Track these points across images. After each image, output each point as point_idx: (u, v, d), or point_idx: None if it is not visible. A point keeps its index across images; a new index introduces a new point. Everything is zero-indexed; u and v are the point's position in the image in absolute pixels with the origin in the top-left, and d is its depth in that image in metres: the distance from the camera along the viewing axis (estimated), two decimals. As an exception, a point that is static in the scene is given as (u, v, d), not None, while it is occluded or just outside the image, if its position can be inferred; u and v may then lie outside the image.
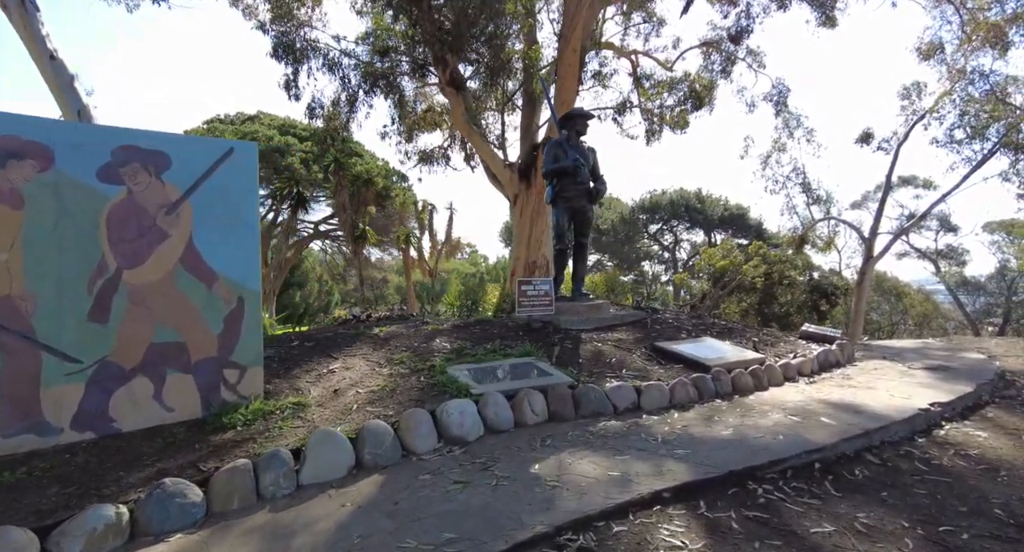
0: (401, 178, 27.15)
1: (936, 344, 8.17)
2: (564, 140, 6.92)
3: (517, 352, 5.02)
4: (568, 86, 12.83)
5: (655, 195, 35.89)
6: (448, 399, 3.79)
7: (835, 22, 16.99)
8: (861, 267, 18.83)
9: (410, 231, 17.47)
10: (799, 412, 4.18)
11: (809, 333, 6.90)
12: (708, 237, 38.00)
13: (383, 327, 5.72)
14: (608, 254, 41.43)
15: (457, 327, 5.97)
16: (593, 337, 5.99)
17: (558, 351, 5.37)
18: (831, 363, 6.03)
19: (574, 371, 4.82)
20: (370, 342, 5.12)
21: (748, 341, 6.36)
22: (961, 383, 5.14)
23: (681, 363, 5.36)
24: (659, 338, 6.15)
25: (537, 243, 14.15)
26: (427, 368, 4.44)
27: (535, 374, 4.48)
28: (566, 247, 7.07)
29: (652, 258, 42.47)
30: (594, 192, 6.97)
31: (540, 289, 6.31)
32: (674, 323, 6.99)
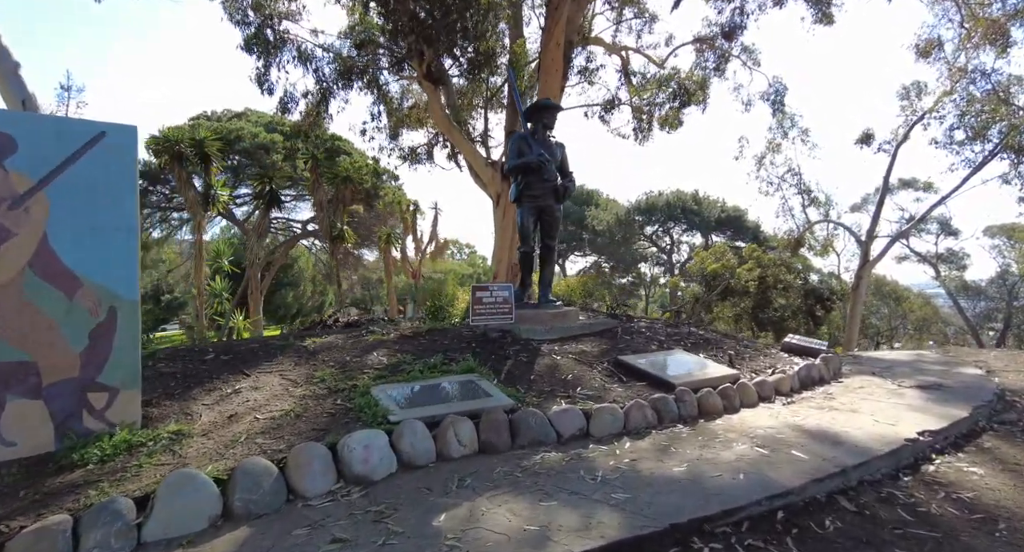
0: (392, 177, 26.66)
1: (931, 356, 7.65)
2: (529, 134, 6.40)
3: (460, 368, 4.50)
4: (551, 82, 12.31)
5: (651, 196, 35.37)
6: (359, 428, 3.27)
7: (831, 19, 16.47)
8: (857, 271, 18.31)
9: (391, 231, 16.94)
10: (769, 442, 3.65)
11: (792, 345, 6.37)
12: (706, 239, 37.47)
13: (317, 337, 5.20)
14: (605, 256, 40.98)
15: (404, 338, 5.45)
16: (554, 349, 5.47)
17: (510, 366, 4.84)
18: (814, 380, 5.50)
19: (521, 390, 4.30)
20: (295, 356, 4.60)
21: (724, 354, 5.83)
22: (955, 405, 4.62)
23: (644, 380, 4.83)
24: (626, 350, 5.63)
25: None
26: (348, 388, 3.92)
27: (472, 395, 3.95)
28: (531, 250, 6.55)
29: (649, 260, 41.97)
30: (561, 190, 6.46)
31: (498, 296, 5.79)
32: (647, 333, 6.47)
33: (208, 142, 13.56)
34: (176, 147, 12.56)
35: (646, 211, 34.90)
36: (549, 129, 6.56)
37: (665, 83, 15.37)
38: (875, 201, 24.45)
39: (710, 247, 22.49)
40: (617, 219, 33.40)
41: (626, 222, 33.58)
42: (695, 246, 33.93)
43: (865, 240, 18.48)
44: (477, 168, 13.64)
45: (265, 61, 11.83)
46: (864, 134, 22.36)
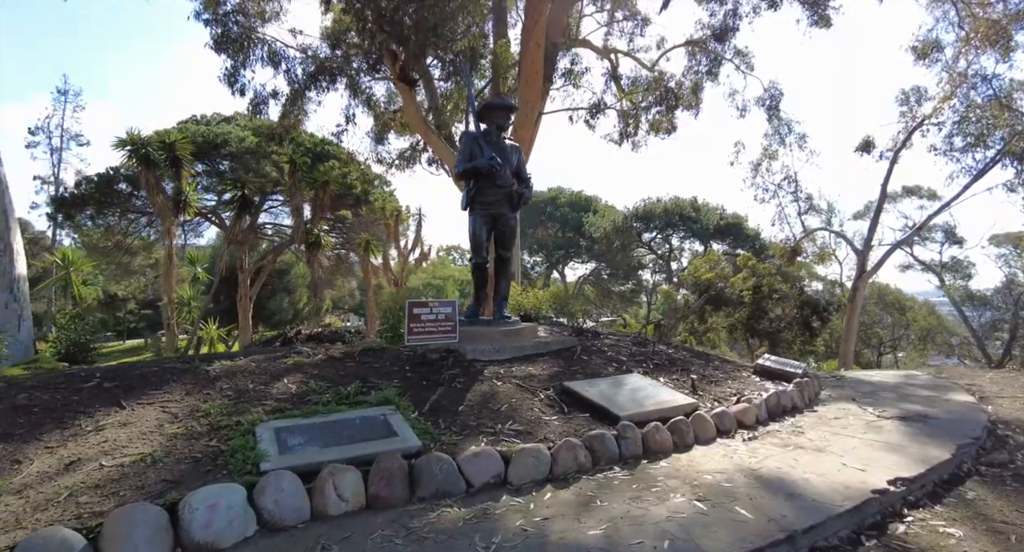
0: (384, 183, 26.23)
1: (921, 379, 7.08)
2: (481, 135, 5.91)
3: (375, 399, 3.99)
4: (532, 84, 11.85)
5: (649, 203, 34.81)
6: (221, 479, 2.77)
7: (828, 21, 15.97)
8: (854, 281, 17.71)
9: (370, 238, 16.48)
10: (713, 493, 3.13)
11: (765, 368, 5.84)
12: (706, 247, 36.89)
13: (229, 360, 4.69)
14: (604, 263, 40.43)
15: (331, 360, 4.95)
16: (499, 372, 4.96)
17: (439, 394, 4.33)
18: (784, 409, 4.96)
19: (441, 426, 3.79)
20: (191, 383, 4.10)
21: (688, 378, 5.30)
22: (938, 443, 4.08)
23: (589, 411, 4.31)
24: (578, 374, 5.12)
25: (501, 253, 13.14)
26: (232, 425, 3.41)
27: (376, 434, 3.44)
28: (484, 261, 6.05)
29: (649, 267, 41.41)
30: (516, 197, 5.96)
31: (439, 313, 5.28)
32: (608, 352, 5.95)
33: (180, 145, 13.13)
34: (143, 150, 12.12)
35: (644, 218, 34.35)
36: (503, 130, 6.08)
37: (653, 87, 14.85)
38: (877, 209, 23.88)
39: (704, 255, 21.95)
40: (615, 226, 32.87)
41: (624, 229, 33.03)
42: (698, 253, 33.35)
43: (863, 249, 17.89)
44: (454, 172, 13.16)
45: (234, 61, 11.40)
46: (864, 142, 21.80)
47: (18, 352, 8.54)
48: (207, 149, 23.03)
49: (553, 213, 37.38)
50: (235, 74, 11.54)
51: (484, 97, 15.43)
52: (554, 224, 37.36)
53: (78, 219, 21.86)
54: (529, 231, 38.29)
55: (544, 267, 43.00)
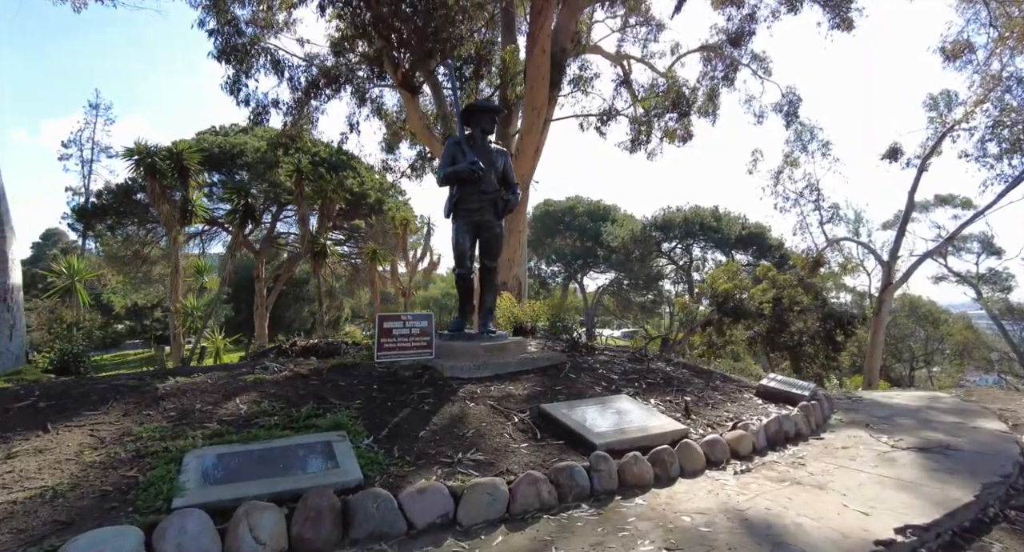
0: (398, 192, 26.17)
1: (946, 402, 6.50)
2: (464, 139, 5.61)
3: (327, 422, 3.67)
4: (538, 91, 11.56)
5: (668, 212, 34.22)
6: (129, 517, 2.47)
7: (851, 24, 15.40)
8: (879, 294, 16.92)
9: (376, 248, 16.30)
10: (687, 540, 2.72)
11: (769, 390, 5.36)
12: (728, 257, 36.07)
13: (185, 376, 4.42)
14: (623, 273, 39.76)
15: (295, 377, 4.65)
16: (475, 392, 4.61)
17: (402, 417, 4.00)
18: (786, 436, 4.50)
19: (394, 455, 3.45)
20: (135, 401, 3.83)
21: (682, 400, 4.87)
22: (960, 481, 3.59)
23: (564, 438, 3.92)
24: (560, 395, 4.73)
25: (508, 263, 12.81)
26: (160, 452, 3.12)
27: (314, 465, 3.11)
28: (468, 272, 5.73)
29: (668, 277, 40.65)
30: (501, 203, 5.64)
31: (413, 327, 4.95)
32: (600, 370, 5.55)
33: (187, 155, 13.14)
34: (149, 160, 12.13)
35: (663, 227, 33.75)
36: (488, 134, 5.78)
37: (667, 93, 14.44)
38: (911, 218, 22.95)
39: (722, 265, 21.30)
40: (633, 235, 32.32)
41: (642, 239, 32.45)
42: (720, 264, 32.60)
43: (888, 260, 17.10)
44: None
45: (237, 70, 11.35)
46: (891, 149, 21.03)
47: (8, 362, 8.47)
48: (223, 159, 23.28)
49: (571, 222, 36.95)
50: (237, 83, 11.49)
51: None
52: (572, 234, 36.92)
53: (99, 229, 22.20)
54: (547, 241, 37.94)
55: (562, 277, 42.54)
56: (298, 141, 13.50)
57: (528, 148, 12.04)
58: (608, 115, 14.59)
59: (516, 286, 12.74)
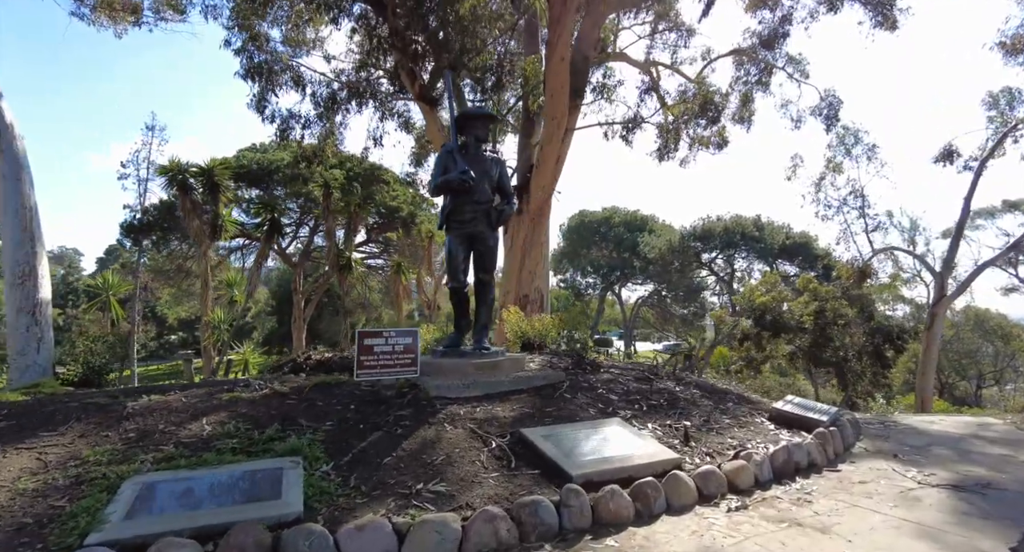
0: (431, 205, 26.29)
1: (998, 428, 5.84)
2: (456, 148, 5.41)
3: (285, 447, 3.48)
4: (558, 100, 11.32)
5: (708, 222, 33.30)
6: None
7: (895, 24, 14.61)
8: (931, 307, 15.82)
9: (401, 261, 16.28)
10: (649, 594, 2.38)
11: (783, 414, 4.90)
12: (771, 268, 34.81)
13: (159, 394, 4.32)
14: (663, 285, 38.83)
15: (274, 396, 4.49)
16: (459, 413, 4.35)
17: (371, 441, 3.78)
18: (796, 467, 4.06)
19: (350, 484, 3.22)
20: (97, 421, 3.74)
21: (682, 425, 4.48)
22: (994, 530, 3.11)
23: (540, 466, 3.62)
24: (549, 417, 4.43)
25: (530, 275, 12.57)
26: (100, 478, 2.98)
27: (254, 495, 2.91)
28: (461, 286, 5.49)
29: (710, 289, 39.53)
30: (495, 214, 5.40)
31: (396, 344, 4.74)
32: (600, 390, 5.21)
33: (218, 171, 13.46)
34: (179, 176, 12.47)
35: (702, 237, 32.84)
36: (482, 142, 5.56)
37: (697, 99, 13.97)
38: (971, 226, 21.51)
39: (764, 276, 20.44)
40: (670, 245, 31.54)
41: (680, 249, 31.63)
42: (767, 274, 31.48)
43: (940, 270, 15.99)
44: (480, 193, 12.78)
45: (262, 87, 11.57)
46: (945, 151, 19.81)
47: (36, 374, 8.70)
48: (261, 175, 23.92)
49: (607, 233, 36.44)
50: (263, 100, 11.70)
51: (516, 113, 15.08)
52: (608, 244, 36.37)
53: (145, 244, 23.07)
54: (582, 252, 37.51)
55: (599, 289, 41.92)
56: (321, 156, 13.63)
57: (549, 158, 11.79)
58: (634, 123, 14.21)
59: (538, 298, 12.45)
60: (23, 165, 9.36)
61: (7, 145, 9.22)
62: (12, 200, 9.13)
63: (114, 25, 13.56)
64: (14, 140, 9.33)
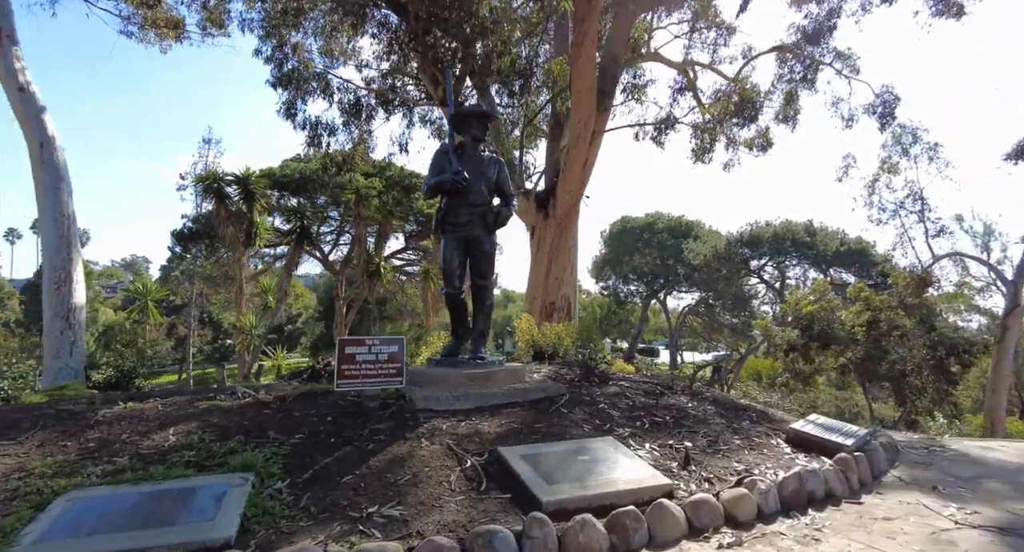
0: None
1: (1063, 455, 5.13)
2: (452, 148, 5.18)
3: (239, 461, 3.29)
4: (584, 102, 11.00)
5: (756, 227, 31.95)
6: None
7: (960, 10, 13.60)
8: (1003, 318, 14.53)
9: (429, 268, 16.19)
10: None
11: (801, 435, 4.39)
12: (824, 275, 33.11)
13: (137, 402, 4.24)
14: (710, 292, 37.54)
15: (254, 406, 4.35)
16: (441, 427, 4.09)
17: (337, 457, 3.56)
18: (810, 498, 3.58)
19: (300, 504, 3.00)
20: (61, 430, 3.66)
21: (683, 446, 4.06)
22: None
23: (513, 490, 3.30)
24: (540, 433, 4.11)
25: (556, 282, 12.23)
26: (35, 491, 2.86)
27: (190, 516, 2.72)
28: (457, 292, 5.24)
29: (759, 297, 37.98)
30: (492, 216, 5.13)
31: (380, 352, 4.52)
32: (600, 404, 4.85)
33: (253, 180, 13.76)
34: (215, 185, 12.79)
35: (750, 243, 31.54)
36: (480, 141, 5.32)
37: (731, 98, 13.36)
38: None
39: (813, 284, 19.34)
40: (715, 252, 30.44)
41: (726, 256, 30.46)
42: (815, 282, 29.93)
43: (1014, 278, 14.68)
44: (506, 198, 12.54)
45: (292, 95, 11.74)
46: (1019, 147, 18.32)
47: (67, 377, 8.96)
48: (304, 184, 24.49)
49: (650, 239, 35.56)
50: (292, 107, 11.86)
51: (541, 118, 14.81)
52: (651, 251, 35.45)
53: (194, 251, 23.95)
54: (624, 259, 36.73)
55: (642, 296, 40.94)
56: (351, 163, 13.72)
57: (575, 162, 11.46)
58: (666, 124, 13.68)
59: (565, 306, 12.09)
60: (63, 176, 9.72)
61: (48, 156, 9.59)
62: (52, 209, 9.48)
63: (159, 41, 14.12)
64: (55, 152, 9.70)
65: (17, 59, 9.66)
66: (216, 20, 14.04)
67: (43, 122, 9.59)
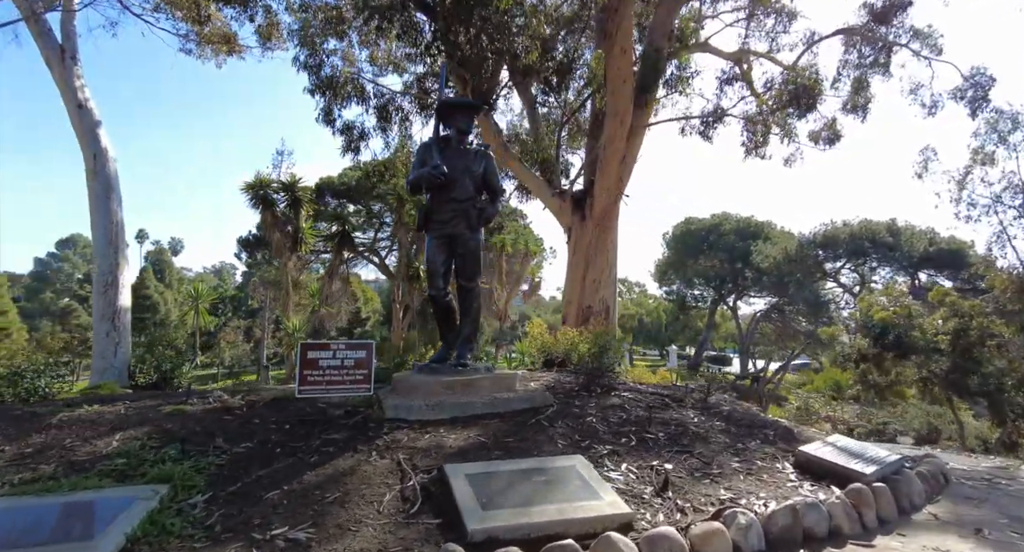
0: (520, 215, 26.06)
1: None
2: (434, 142, 4.90)
3: (156, 473, 3.11)
4: (619, 95, 10.48)
5: (832, 227, 29.77)
6: None
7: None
8: (1118, 325, 12.56)
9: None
10: None
11: (813, 460, 3.73)
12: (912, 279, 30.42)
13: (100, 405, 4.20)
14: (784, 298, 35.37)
15: (221, 410, 4.22)
16: (400, 440, 3.80)
17: (275, 468, 3.33)
18: (807, 535, 2.99)
19: (207, 522, 2.78)
20: (13, 433, 3.63)
21: (663, 468, 3.55)
22: None
23: (446, 514, 2.94)
24: (507, 448, 3.75)
25: (594, 285, 11.70)
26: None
27: (75, 532, 2.55)
28: (441, 293, 4.94)
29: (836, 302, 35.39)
30: (475, 213, 4.79)
31: (346, 358, 4.28)
32: (588, 417, 4.39)
33: (299, 187, 14.10)
34: (261, 192, 13.18)
35: (825, 245, 29.42)
36: (465, 134, 5.00)
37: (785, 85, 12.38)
38: None
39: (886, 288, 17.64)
40: (786, 254, 28.60)
41: (797, 258, 28.54)
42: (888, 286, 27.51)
43: None
44: (541, 198, 12.16)
45: (329, 102, 11.90)
46: None
47: (112, 376, 9.38)
48: (361, 192, 25.11)
49: (716, 242, 33.92)
50: (330, 113, 12.02)
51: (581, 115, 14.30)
52: (718, 253, 33.80)
53: (258, 257, 25.04)
54: (688, 262, 35.24)
55: (709, 301, 39.16)
56: (392, 168, 13.78)
57: (612, 158, 10.92)
58: (714, 117, 12.82)
59: (603, 310, 11.52)
60: (113, 186, 10.25)
61: (100, 167, 10.14)
62: (102, 217, 10.00)
63: (215, 56, 14.78)
64: (107, 163, 10.25)
65: (77, 77, 10.29)
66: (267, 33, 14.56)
67: (98, 136, 10.15)
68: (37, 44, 10.40)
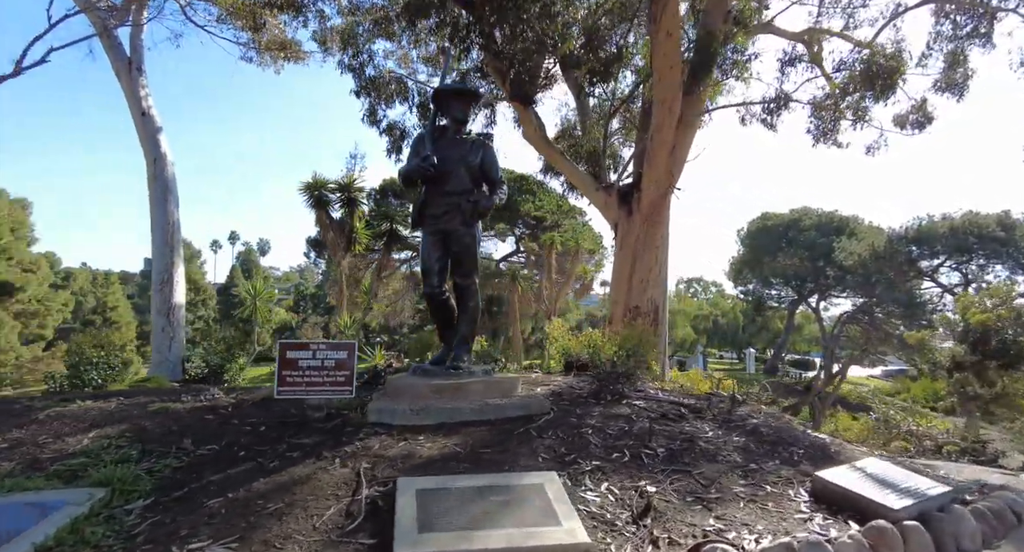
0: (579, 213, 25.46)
1: None
2: (431, 131, 4.65)
3: (98, 476, 3.02)
4: (666, 82, 9.86)
5: (927, 222, 27.12)
6: None
7: None
8: None
9: (516, 271, 15.65)
10: None
11: (832, 488, 3.14)
12: (1031, 277, 27.14)
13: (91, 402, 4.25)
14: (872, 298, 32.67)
15: (205, 410, 4.17)
16: (372, 447, 3.60)
17: (228, 475, 3.20)
18: (805, 588, 2.48)
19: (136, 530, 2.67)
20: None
21: (659, 489, 3.10)
22: None
23: (382, 535, 2.67)
24: (483, 460, 3.45)
25: (642, 283, 11.11)
26: None
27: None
28: (436, 291, 4.69)
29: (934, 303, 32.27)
30: (468, 206, 4.50)
31: (326, 358, 4.10)
32: (584, 428, 4.00)
33: (353, 188, 14.36)
34: (315, 192, 13.51)
35: (919, 240, 26.83)
36: (462, 123, 4.72)
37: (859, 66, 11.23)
38: None
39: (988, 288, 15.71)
40: (872, 251, 26.31)
41: (886, 255, 26.17)
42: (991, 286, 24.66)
43: None
44: (586, 193, 11.69)
45: (372, 102, 12.00)
46: None
47: (167, 370, 9.86)
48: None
49: (796, 238, 31.80)
50: (374, 114, 12.12)
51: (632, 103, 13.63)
52: (797, 251, 31.65)
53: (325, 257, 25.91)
54: (765, 260, 33.24)
55: (788, 302, 36.83)
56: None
57: (660, 149, 10.29)
58: (778, 103, 11.80)
59: (651, 310, 10.89)
60: (171, 189, 10.78)
61: (160, 171, 10.70)
62: (160, 217, 10.54)
63: (274, 64, 15.33)
64: (166, 167, 10.80)
65: (142, 87, 10.91)
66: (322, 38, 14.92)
67: (158, 141, 10.70)
68: (108, 57, 11.09)
